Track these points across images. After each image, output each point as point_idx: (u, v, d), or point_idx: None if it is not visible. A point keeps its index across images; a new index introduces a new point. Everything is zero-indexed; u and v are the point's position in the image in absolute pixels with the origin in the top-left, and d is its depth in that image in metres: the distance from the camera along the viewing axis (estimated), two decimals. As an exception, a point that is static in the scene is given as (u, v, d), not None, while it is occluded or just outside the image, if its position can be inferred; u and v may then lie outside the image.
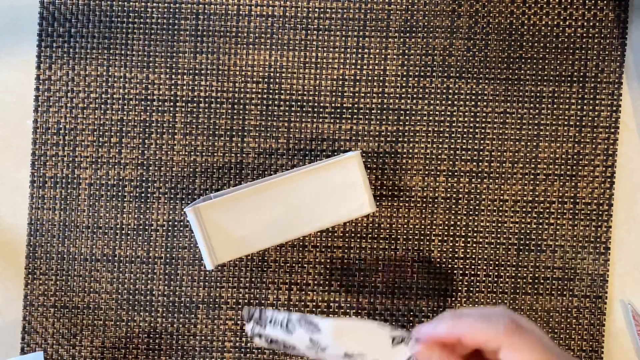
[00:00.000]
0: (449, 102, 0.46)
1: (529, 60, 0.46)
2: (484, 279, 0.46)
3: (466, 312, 0.34)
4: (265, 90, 0.46)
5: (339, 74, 0.46)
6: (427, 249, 0.46)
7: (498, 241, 0.46)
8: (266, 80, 0.46)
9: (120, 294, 0.46)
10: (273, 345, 0.38)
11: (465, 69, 0.46)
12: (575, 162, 0.46)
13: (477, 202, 0.46)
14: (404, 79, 0.46)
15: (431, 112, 0.46)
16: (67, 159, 0.46)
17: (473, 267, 0.46)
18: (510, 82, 0.46)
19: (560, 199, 0.46)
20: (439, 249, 0.46)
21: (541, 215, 0.46)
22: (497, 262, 0.46)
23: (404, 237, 0.46)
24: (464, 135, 0.46)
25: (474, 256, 0.46)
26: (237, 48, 0.46)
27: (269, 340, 0.38)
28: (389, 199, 0.46)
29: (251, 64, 0.46)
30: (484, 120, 0.46)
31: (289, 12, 0.46)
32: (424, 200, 0.46)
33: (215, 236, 0.40)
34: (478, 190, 0.46)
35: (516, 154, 0.46)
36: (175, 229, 0.46)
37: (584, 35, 0.46)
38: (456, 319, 0.34)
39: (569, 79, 0.46)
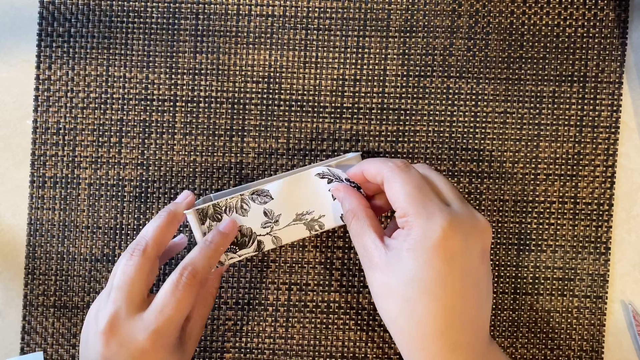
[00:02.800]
0: (449, 102, 0.46)
1: (529, 60, 0.46)
2: (484, 279, 0.46)
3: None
4: (265, 90, 0.46)
5: (339, 74, 0.46)
6: (427, 249, 0.46)
7: (498, 241, 0.46)
8: (266, 80, 0.46)
9: (120, 294, 0.46)
10: (231, 256, 0.39)
11: (466, 68, 0.46)
12: (575, 162, 0.46)
13: (477, 202, 0.46)
14: (404, 78, 0.46)
15: (431, 112, 0.46)
16: (66, 159, 0.46)
17: (473, 267, 0.46)
18: (510, 82, 0.46)
19: (560, 199, 0.46)
20: (439, 249, 0.46)
21: (541, 215, 0.46)
22: (497, 262, 0.46)
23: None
24: (464, 135, 0.46)
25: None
26: (237, 48, 0.46)
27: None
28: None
29: (251, 64, 0.46)
30: (484, 120, 0.46)
31: (289, 12, 0.46)
32: (424, 200, 0.46)
33: None
34: (478, 190, 0.46)
35: (516, 154, 0.46)
36: (175, 229, 0.46)
37: (585, 35, 0.46)
38: (368, 159, 0.38)
39: (569, 78, 0.46)
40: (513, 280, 0.46)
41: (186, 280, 0.36)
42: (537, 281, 0.46)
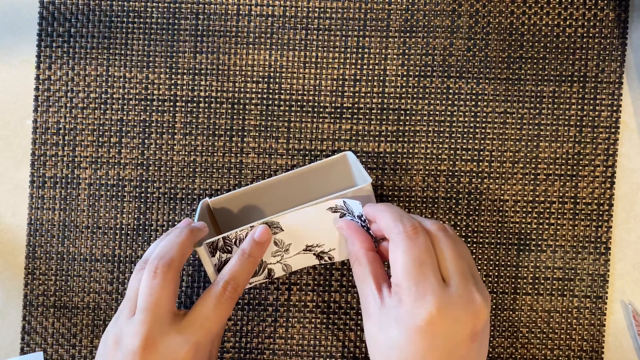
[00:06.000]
0: (449, 102, 0.46)
1: (529, 60, 0.46)
2: (484, 279, 0.46)
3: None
4: (265, 90, 0.46)
5: (339, 74, 0.46)
6: (427, 249, 0.46)
7: (498, 241, 0.46)
8: (266, 80, 0.46)
9: (120, 294, 0.46)
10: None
11: (466, 68, 0.46)
12: (575, 162, 0.46)
13: (477, 202, 0.46)
14: (404, 78, 0.46)
15: (431, 112, 0.46)
16: (66, 159, 0.46)
17: (473, 267, 0.46)
18: (510, 82, 0.46)
19: (560, 199, 0.46)
20: (439, 249, 0.46)
21: (541, 215, 0.46)
22: (497, 262, 0.46)
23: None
24: (464, 135, 0.46)
25: (474, 256, 0.46)
26: (237, 48, 0.46)
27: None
28: (389, 199, 0.46)
29: (251, 64, 0.46)
30: (484, 120, 0.46)
31: (289, 12, 0.46)
32: (424, 200, 0.46)
33: None
34: (478, 190, 0.46)
35: (516, 154, 0.46)
36: (175, 229, 0.46)
37: (585, 35, 0.46)
38: (386, 205, 0.37)
39: (569, 78, 0.46)
40: (513, 280, 0.46)
41: (229, 294, 0.36)
42: (537, 281, 0.46)
